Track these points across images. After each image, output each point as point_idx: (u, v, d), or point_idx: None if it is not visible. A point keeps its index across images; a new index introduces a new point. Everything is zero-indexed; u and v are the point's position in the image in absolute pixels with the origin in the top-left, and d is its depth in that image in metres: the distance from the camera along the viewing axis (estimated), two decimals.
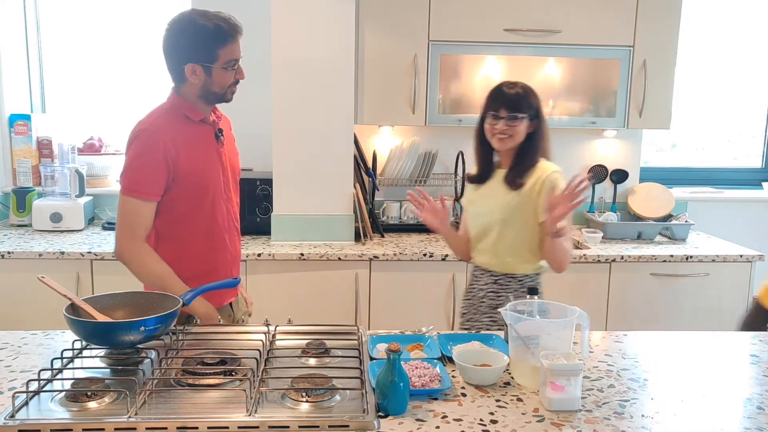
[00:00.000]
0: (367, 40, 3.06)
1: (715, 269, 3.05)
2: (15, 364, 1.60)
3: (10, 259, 2.82)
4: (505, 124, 2.04)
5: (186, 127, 1.90)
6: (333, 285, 2.93)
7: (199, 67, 1.85)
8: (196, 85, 1.88)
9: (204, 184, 1.91)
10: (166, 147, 1.81)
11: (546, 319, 1.59)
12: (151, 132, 1.83)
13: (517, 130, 2.04)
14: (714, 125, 3.98)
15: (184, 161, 1.85)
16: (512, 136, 2.05)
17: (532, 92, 2.08)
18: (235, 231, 2.06)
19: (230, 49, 1.87)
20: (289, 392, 1.38)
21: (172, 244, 1.91)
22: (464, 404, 1.42)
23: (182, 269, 1.90)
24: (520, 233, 2.08)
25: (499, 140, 2.06)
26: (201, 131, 1.93)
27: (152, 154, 1.81)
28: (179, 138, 1.86)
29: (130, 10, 3.53)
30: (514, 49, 3.14)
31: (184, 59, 1.85)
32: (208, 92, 1.90)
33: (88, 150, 3.52)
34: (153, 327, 1.53)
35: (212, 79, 1.87)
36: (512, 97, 2.03)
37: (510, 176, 2.08)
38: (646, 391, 1.50)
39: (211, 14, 1.85)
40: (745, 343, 1.85)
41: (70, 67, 3.63)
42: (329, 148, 3.02)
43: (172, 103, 1.92)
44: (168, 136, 1.83)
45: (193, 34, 1.83)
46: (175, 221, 1.90)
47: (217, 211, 1.95)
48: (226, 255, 2.01)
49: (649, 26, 3.15)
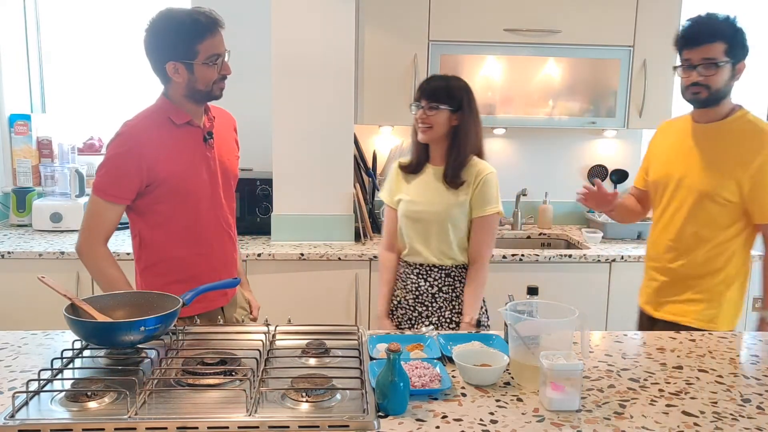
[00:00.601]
0: (367, 40, 3.06)
1: None
2: (15, 364, 1.60)
3: (10, 259, 2.82)
4: (424, 114, 2.10)
5: (169, 131, 1.85)
6: (333, 285, 2.93)
7: (180, 65, 1.79)
8: (181, 84, 1.83)
9: (186, 189, 1.86)
10: (141, 152, 1.78)
11: (546, 319, 1.59)
12: (129, 135, 1.80)
13: (435, 120, 2.09)
14: None
15: (164, 166, 1.81)
16: (432, 127, 2.10)
17: (459, 86, 2.13)
18: (227, 237, 2.00)
19: (210, 43, 1.79)
20: (289, 392, 1.38)
21: (153, 248, 1.89)
22: (464, 404, 1.42)
23: (163, 273, 1.89)
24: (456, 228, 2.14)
25: (420, 130, 2.13)
26: (186, 134, 1.88)
27: (126, 158, 1.78)
28: (159, 142, 1.82)
29: (130, 10, 3.54)
30: (514, 49, 3.14)
31: (165, 58, 1.80)
32: (193, 90, 1.84)
33: (88, 150, 3.52)
34: (153, 327, 1.53)
35: (195, 76, 1.81)
36: (432, 88, 2.11)
37: (448, 175, 2.13)
38: (646, 391, 1.50)
39: (189, 10, 1.81)
40: (745, 343, 1.85)
41: (70, 67, 3.63)
42: (329, 148, 3.02)
43: (159, 106, 1.88)
44: (146, 140, 1.80)
45: (171, 31, 1.78)
46: (156, 225, 1.87)
47: (202, 216, 1.90)
48: (213, 261, 1.95)
49: (649, 26, 3.16)
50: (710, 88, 1.97)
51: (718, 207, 2.02)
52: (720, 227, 2.05)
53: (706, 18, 1.99)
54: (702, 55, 1.95)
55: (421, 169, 2.21)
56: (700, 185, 2.03)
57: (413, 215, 2.17)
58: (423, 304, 2.19)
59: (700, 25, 1.98)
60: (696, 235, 2.07)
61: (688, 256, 2.10)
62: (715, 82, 1.97)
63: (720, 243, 2.06)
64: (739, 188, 1.98)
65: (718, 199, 2.01)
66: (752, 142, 1.99)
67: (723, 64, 1.95)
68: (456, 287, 2.18)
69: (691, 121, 2.12)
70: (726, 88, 2.00)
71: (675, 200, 2.11)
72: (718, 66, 1.95)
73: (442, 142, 2.14)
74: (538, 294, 1.68)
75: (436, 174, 2.17)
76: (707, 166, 2.03)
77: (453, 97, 2.09)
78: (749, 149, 1.98)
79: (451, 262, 2.17)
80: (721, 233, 2.05)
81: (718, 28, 1.96)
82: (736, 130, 2.02)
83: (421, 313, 2.20)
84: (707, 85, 1.97)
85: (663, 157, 2.19)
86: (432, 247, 2.16)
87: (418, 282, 2.20)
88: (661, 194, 2.16)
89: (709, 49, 1.94)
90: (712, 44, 1.94)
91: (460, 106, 2.10)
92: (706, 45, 1.94)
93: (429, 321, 2.19)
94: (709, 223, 2.05)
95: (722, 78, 1.97)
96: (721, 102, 2.02)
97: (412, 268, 2.21)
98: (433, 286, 2.18)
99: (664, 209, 2.15)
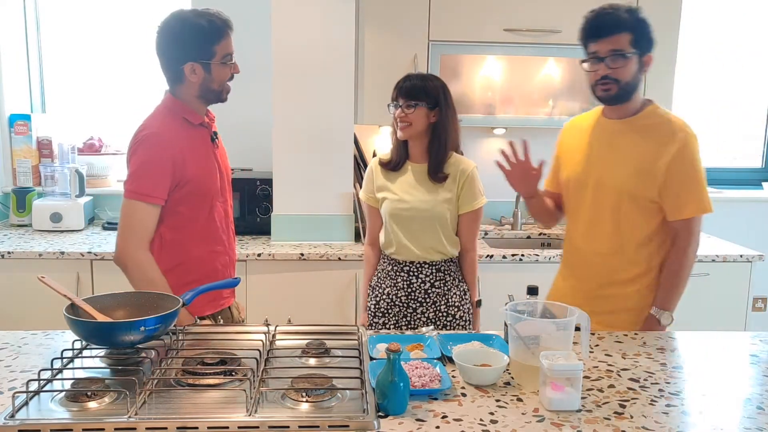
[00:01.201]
0: (367, 40, 3.06)
1: (715, 269, 3.05)
2: (15, 364, 1.60)
3: (10, 259, 2.82)
4: (402, 112, 2.16)
5: (187, 132, 1.91)
6: (333, 285, 2.93)
7: (198, 65, 1.86)
8: (195, 83, 1.88)
9: (205, 188, 1.92)
10: (173, 152, 1.83)
11: (546, 319, 1.59)
12: (158, 137, 1.84)
13: (413, 118, 2.15)
14: (714, 125, 3.98)
15: (190, 167, 1.86)
16: (410, 124, 2.15)
17: (435, 85, 2.18)
18: (232, 233, 2.09)
19: (225, 44, 1.89)
20: (289, 392, 1.38)
21: (175, 249, 1.91)
22: (464, 404, 1.42)
23: (184, 273, 1.92)
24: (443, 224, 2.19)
25: (400, 128, 2.18)
26: (199, 135, 1.95)
27: (160, 158, 1.82)
28: (184, 143, 1.87)
29: (130, 10, 3.54)
30: (514, 49, 3.14)
31: (183, 59, 1.86)
32: (207, 90, 1.90)
33: (88, 150, 3.52)
34: (153, 327, 1.53)
35: (212, 75, 1.88)
36: (409, 87, 2.16)
37: (432, 170, 2.18)
38: (646, 391, 1.50)
39: (201, 12, 1.88)
40: (745, 343, 1.85)
41: (70, 67, 3.63)
42: (329, 148, 3.02)
43: (171, 107, 1.92)
44: (175, 141, 1.85)
45: (190, 33, 1.85)
46: (178, 226, 1.90)
47: (215, 214, 1.97)
48: (225, 258, 2.03)
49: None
50: (619, 82, 1.90)
51: (639, 207, 1.94)
52: (642, 228, 1.96)
53: (609, 9, 1.91)
54: (609, 47, 1.89)
55: (401, 166, 2.26)
56: (621, 185, 1.94)
57: (401, 213, 2.20)
58: (416, 301, 2.22)
59: (605, 16, 1.91)
60: (619, 237, 1.97)
61: (610, 260, 1.99)
62: (624, 74, 1.90)
63: (643, 244, 1.96)
64: (656, 185, 1.91)
65: (639, 199, 1.93)
66: (664, 136, 1.91)
67: (630, 55, 1.89)
68: (447, 281, 2.23)
69: (603, 118, 2.03)
70: (634, 81, 1.92)
71: (595, 201, 1.99)
72: (625, 57, 1.88)
73: (422, 139, 2.20)
74: (538, 294, 1.67)
75: (418, 171, 2.22)
76: (625, 165, 1.94)
77: (430, 95, 2.15)
78: (662, 144, 1.91)
79: (440, 257, 2.22)
80: (644, 234, 1.96)
81: (623, 18, 1.89)
82: (649, 125, 1.94)
83: (416, 309, 2.23)
84: (616, 79, 1.90)
85: (577, 157, 2.07)
86: (421, 244, 2.20)
87: (409, 279, 2.22)
88: (579, 196, 2.04)
89: (616, 40, 1.88)
90: (618, 35, 1.88)
91: (437, 103, 2.16)
92: (613, 36, 1.88)
93: (425, 317, 2.22)
94: (631, 223, 1.96)
95: (630, 70, 1.90)
96: (632, 97, 1.95)
97: (402, 265, 2.24)
98: (425, 282, 2.22)
99: (582, 211, 2.03)
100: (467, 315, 2.27)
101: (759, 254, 3.07)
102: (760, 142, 3.94)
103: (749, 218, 3.74)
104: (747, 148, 4.00)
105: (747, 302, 3.09)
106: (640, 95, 1.99)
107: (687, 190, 1.93)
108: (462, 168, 2.19)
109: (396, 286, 2.25)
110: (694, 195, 1.94)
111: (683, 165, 1.91)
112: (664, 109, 2.00)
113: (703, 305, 3.07)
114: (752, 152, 3.98)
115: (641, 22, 1.91)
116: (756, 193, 3.81)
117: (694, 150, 1.92)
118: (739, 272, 3.07)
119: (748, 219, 3.73)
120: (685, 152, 1.91)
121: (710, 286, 3.05)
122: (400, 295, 2.24)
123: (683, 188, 1.93)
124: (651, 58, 1.93)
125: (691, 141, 1.92)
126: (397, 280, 2.24)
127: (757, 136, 3.96)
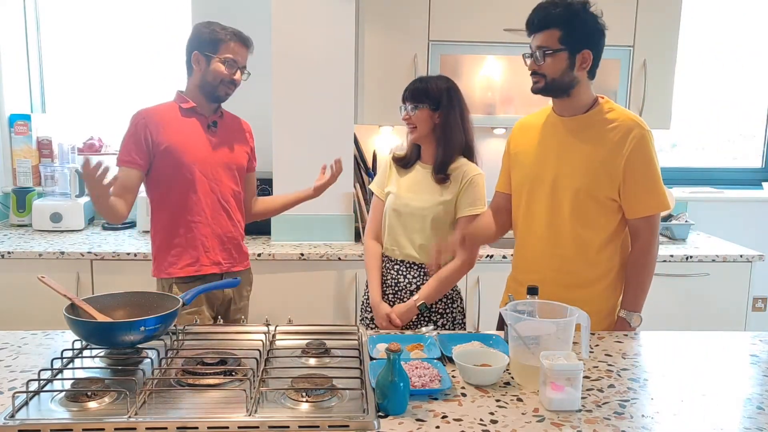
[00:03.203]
0: (367, 40, 3.06)
1: (715, 269, 3.05)
2: (15, 364, 1.60)
3: (10, 259, 2.82)
4: (407, 114, 2.19)
5: (175, 114, 2.17)
6: (333, 285, 2.93)
7: (202, 57, 2.13)
8: (197, 74, 2.15)
9: (182, 158, 2.13)
10: (145, 123, 2.11)
11: (546, 319, 1.59)
12: (138, 114, 2.14)
13: (417, 120, 2.17)
14: (714, 125, 3.98)
15: (164, 137, 2.12)
16: (416, 126, 2.19)
17: (439, 86, 2.19)
18: (224, 212, 2.23)
19: (233, 48, 2.13)
20: (289, 392, 1.38)
21: (161, 213, 2.20)
22: (464, 404, 1.42)
23: (169, 235, 2.18)
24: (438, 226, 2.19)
25: (408, 131, 2.23)
26: (189, 118, 2.19)
27: (135, 128, 2.12)
28: (162, 118, 2.14)
29: (130, 10, 3.54)
30: (514, 49, 3.13)
31: (192, 48, 2.14)
32: (204, 82, 2.15)
33: (88, 150, 3.52)
34: (153, 327, 1.54)
35: (209, 68, 2.13)
36: (412, 90, 2.19)
37: (434, 171, 2.20)
38: (646, 391, 1.50)
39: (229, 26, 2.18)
40: (745, 343, 1.85)
41: (70, 67, 3.63)
42: (329, 148, 3.02)
43: (172, 100, 2.21)
44: (152, 115, 2.14)
45: (207, 30, 2.13)
46: (162, 192, 2.17)
47: (198, 185, 2.16)
48: (207, 230, 2.20)
49: (649, 26, 3.15)
50: (546, 77, 1.88)
51: (599, 206, 1.89)
52: (604, 227, 1.91)
53: (544, 4, 1.89)
54: (536, 43, 1.88)
55: (412, 164, 2.28)
56: (579, 184, 1.88)
57: (398, 208, 2.23)
58: (402, 300, 2.22)
59: (537, 12, 1.89)
60: (580, 237, 1.91)
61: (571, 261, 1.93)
62: (550, 70, 1.87)
63: (604, 245, 1.92)
64: (615, 183, 1.87)
65: (599, 197, 1.88)
66: (618, 133, 1.86)
67: (556, 52, 1.84)
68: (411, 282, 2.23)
69: (554, 115, 1.99)
70: (566, 77, 1.87)
71: (553, 202, 1.93)
72: (550, 54, 1.85)
73: (430, 141, 2.22)
74: (538, 294, 1.67)
75: (425, 172, 2.24)
76: (581, 163, 1.89)
77: (431, 97, 2.16)
78: (617, 141, 1.86)
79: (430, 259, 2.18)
80: (606, 233, 1.92)
81: (553, 14, 1.85)
82: (601, 121, 1.89)
83: None
84: (543, 74, 1.88)
85: (531, 157, 2.00)
86: (414, 243, 2.21)
87: (397, 278, 2.24)
88: (534, 196, 1.97)
89: (544, 36, 1.86)
90: (545, 31, 1.86)
91: (439, 104, 2.16)
92: (541, 32, 1.87)
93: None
94: (590, 223, 1.91)
95: (557, 67, 1.85)
96: (571, 93, 1.90)
97: (393, 263, 2.25)
98: (412, 284, 2.22)
99: (539, 212, 1.96)
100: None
101: (759, 254, 3.07)
102: (760, 142, 3.94)
103: (749, 218, 3.74)
104: (747, 148, 4.00)
105: (747, 302, 3.09)
106: (587, 91, 1.92)
107: (645, 187, 1.89)
108: (465, 171, 2.18)
109: (385, 284, 2.26)
110: (652, 192, 1.90)
111: (641, 162, 1.87)
112: (617, 105, 1.95)
113: (703, 305, 3.08)
114: (752, 152, 3.98)
115: (576, 18, 1.85)
116: (756, 193, 3.81)
117: (650, 147, 1.88)
118: (739, 272, 3.07)
119: (748, 219, 3.73)
120: (642, 149, 1.87)
121: (710, 286, 3.06)
122: (388, 293, 2.26)
123: (641, 186, 1.89)
124: (588, 55, 1.86)
125: (647, 137, 1.88)
126: (386, 278, 2.26)
127: (757, 136, 3.96)
